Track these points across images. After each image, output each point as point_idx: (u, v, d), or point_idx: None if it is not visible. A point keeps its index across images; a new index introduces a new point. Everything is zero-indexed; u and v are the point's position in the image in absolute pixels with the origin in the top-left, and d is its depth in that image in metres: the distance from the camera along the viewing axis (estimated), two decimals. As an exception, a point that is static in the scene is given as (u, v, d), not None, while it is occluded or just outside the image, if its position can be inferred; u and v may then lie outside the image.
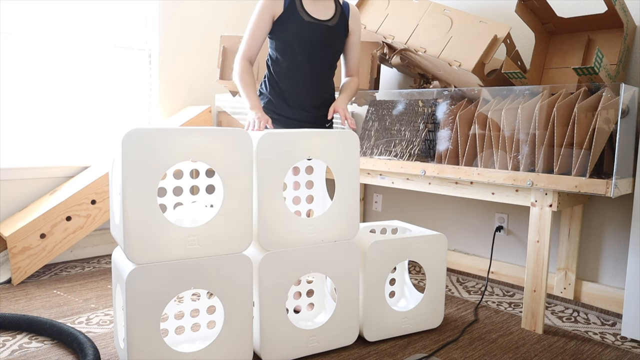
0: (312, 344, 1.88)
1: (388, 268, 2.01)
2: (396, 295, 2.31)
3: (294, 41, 2.10)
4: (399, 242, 2.03)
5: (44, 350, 1.91)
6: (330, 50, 2.16)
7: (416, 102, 2.60)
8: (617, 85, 1.98)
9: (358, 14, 2.22)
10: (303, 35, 2.09)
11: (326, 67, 2.18)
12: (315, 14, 2.10)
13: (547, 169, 2.11)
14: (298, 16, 2.07)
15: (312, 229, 1.84)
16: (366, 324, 2.00)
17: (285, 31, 2.09)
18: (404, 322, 2.07)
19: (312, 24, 2.09)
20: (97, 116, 3.28)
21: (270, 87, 2.19)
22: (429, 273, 2.10)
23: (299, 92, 2.15)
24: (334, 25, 2.13)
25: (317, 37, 2.10)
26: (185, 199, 1.88)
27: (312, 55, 2.12)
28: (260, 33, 2.10)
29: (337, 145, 1.86)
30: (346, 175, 1.89)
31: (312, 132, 1.82)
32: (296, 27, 2.08)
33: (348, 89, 2.24)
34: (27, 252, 2.67)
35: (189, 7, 3.59)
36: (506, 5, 2.73)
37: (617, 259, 2.45)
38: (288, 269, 1.81)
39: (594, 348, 2.02)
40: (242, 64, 2.11)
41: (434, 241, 2.10)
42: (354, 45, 2.23)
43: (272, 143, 1.74)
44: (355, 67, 2.27)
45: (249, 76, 2.10)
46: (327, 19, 2.12)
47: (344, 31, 2.18)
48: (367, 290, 1.98)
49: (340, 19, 2.15)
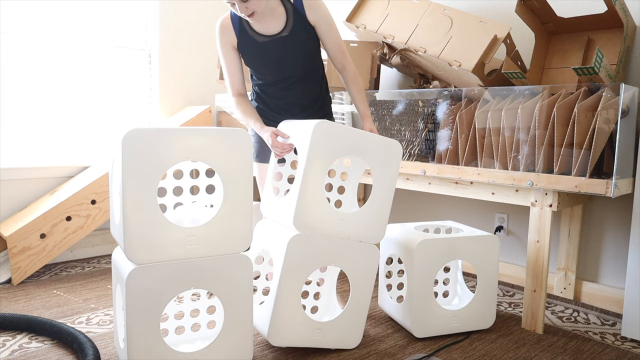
0: (316, 337, 1.89)
1: (437, 266, 2.04)
2: (450, 294, 2.34)
3: (258, 65, 2.06)
4: (447, 241, 2.05)
5: (44, 350, 1.91)
6: (300, 58, 2.04)
7: (416, 102, 2.60)
8: (617, 85, 1.98)
9: (316, 2, 2.00)
10: (263, 58, 2.03)
11: (303, 73, 2.08)
12: (266, 30, 2.00)
13: (547, 169, 2.11)
14: (251, 40, 2.02)
15: (342, 223, 1.87)
16: (414, 320, 2.03)
17: (246, 58, 2.07)
18: (453, 320, 2.09)
19: (267, 43, 2.00)
20: (97, 116, 3.28)
21: (257, 96, 2.19)
22: (480, 274, 2.11)
23: (282, 104, 2.14)
24: (290, 33, 2.00)
25: (277, 53, 2.01)
26: (185, 199, 1.88)
27: (281, 72, 2.05)
28: (234, 66, 2.08)
29: (381, 152, 1.91)
30: (385, 181, 1.94)
31: (362, 134, 1.87)
32: (253, 51, 2.03)
33: (355, 93, 2.10)
34: (27, 252, 2.67)
35: (189, 7, 3.59)
36: (506, 5, 2.73)
37: (617, 259, 2.45)
38: (313, 253, 1.83)
39: (594, 348, 2.02)
40: (236, 100, 2.09)
41: (485, 242, 2.11)
42: (326, 35, 2.05)
43: (327, 131, 1.79)
44: (339, 54, 2.08)
45: (245, 106, 2.08)
46: (280, 31, 1.99)
47: (307, 31, 2.02)
48: (415, 287, 2.01)
49: (295, 22, 2.00)
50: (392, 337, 2.08)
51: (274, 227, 1.97)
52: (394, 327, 2.17)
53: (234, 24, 2.02)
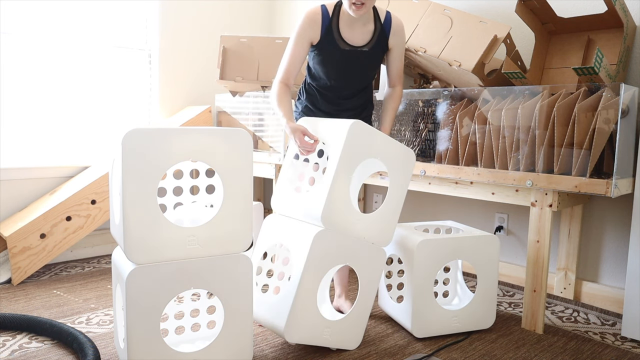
0: (325, 336, 1.89)
1: (437, 266, 2.04)
2: (450, 294, 2.34)
3: (328, 68, 2.09)
4: (447, 241, 2.05)
5: (44, 350, 1.91)
6: (366, 72, 2.14)
7: (416, 102, 2.60)
8: (617, 85, 1.98)
9: (401, 28, 2.12)
10: (338, 65, 2.08)
11: (363, 84, 2.17)
12: (353, 40, 2.05)
13: (547, 169, 2.10)
14: (335, 44, 2.04)
15: (359, 223, 1.89)
16: (414, 320, 2.03)
17: (321, 57, 2.08)
18: (453, 320, 2.09)
19: (348, 52, 2.05)
20: (97, 116, 3.28)
21: (307, 96, 2.20)
22: (480, 274, 2.11)
23: (334, 109, 2.18)
24: (370, 49, 2.07)
25: (352, 64, 2.08)
26: (186, 199, 1.88)
27: (347, 80, 2.12)
28: (299, 58, 2.07)
29: (400, 158, 1.96)
30: (400, 186, 1.97)
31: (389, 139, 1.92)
32: (333, 55, 2.06)
33: (391, 102, 2.19)
34: (27, 252, 2.67)
35: (189, 7, 3.59)
36: (506, 5, 2.72)
37: (617, 259, 2.45)
38: (334, 250, 1.84)
39: (594, 348, 2.02)
40: (280, 87, 2.07)
41: (485, 242, 2.11)
42: (395, 59, 2.16)
43: (361, 131, 1.84)
44: (397, 77, 2.20)
45: (285, 96, 2.06)
46: (364, 44, 2.07)
47: (382, 51, 2.12)
48: (415, 287, 2.01)
49: (378, 41, 2.07)
50: (392, 337, 2.08)
51: (289, 223, 1.97)
52: (394, 327, 2.17)
53: (323, 21, 2.03)
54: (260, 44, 2.91)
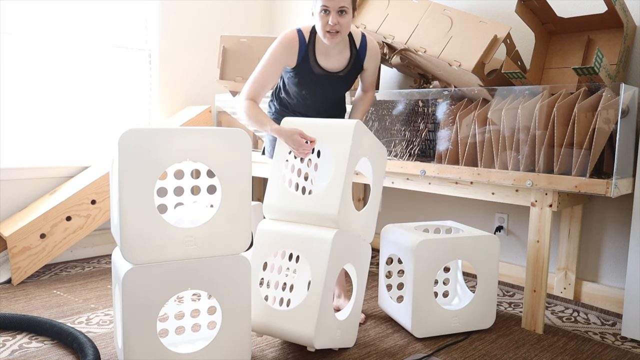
0: (337, 337, 1.89)
1: (437, 267, 2.04)
2: (450, 294, 2.35)
3: (304, 90, 2.10)
4: (447, 241, 2.06)
5: (44, 350, 1.91)
6: (342, 91, 2.19)
7: (416, 102, 2.59)
8: (617, 85, 1.97)
9: (376, 52, 2.13)
10: (314, 86, 2.09)
11: (336, 99, 2.20)
12: (329, 66, 2.06)
13: (547, 169, 2.10)
14: (310, 69, 2.04)
15: (356, 221, 1.91)
16: (414, 320, 2.03)
17: (297, 80, 2.08)
18: (453, 320, 2.09)
19: (323, 76, 2.07)
20: (97, 116, 3.28)
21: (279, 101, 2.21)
22: (480, 274, 2.11)
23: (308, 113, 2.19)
24: (345, 74, 2.10)
25: (327, 86, 2.10)
26: (186, 199, 1.88)
27: (321, 98, 2.15)
28: (270, 81, 2.05)
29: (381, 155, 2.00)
30: (380, 182, 2.03)
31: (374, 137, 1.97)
32: (306, 78, 2.06)
33: (361, 105, 2.23)
34: (27, 252, 2.67)
35: (189, 7, 3.59)
36: (506, 5, 2.72)
37: (617, 259, 2.45)
38: (343, 250, 1.85)
39: (594, 348, 2.02)
40: (248, 104, 2.02)
41: (485, 242, 2.11)
42: (370, 75, 2.19)
43: (362, 130, 1.88)
44: (370, 85, 2.23)
45: (257, 109, 2.01)
46: (340, 70, 2.08)
47: (357, 72, 2.14)
48: (415, 287, 2.02)
49: (353, 65, 2.10)
50: (392, 337, 2.08)
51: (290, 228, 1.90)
52: (394, 327, 2.17)
53: (300, 48, 2.01)
54: (260, 44, 2.91)
